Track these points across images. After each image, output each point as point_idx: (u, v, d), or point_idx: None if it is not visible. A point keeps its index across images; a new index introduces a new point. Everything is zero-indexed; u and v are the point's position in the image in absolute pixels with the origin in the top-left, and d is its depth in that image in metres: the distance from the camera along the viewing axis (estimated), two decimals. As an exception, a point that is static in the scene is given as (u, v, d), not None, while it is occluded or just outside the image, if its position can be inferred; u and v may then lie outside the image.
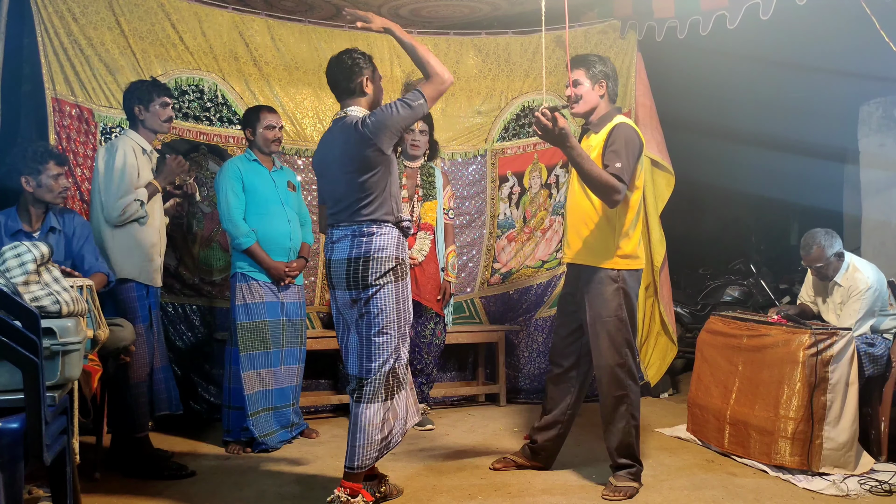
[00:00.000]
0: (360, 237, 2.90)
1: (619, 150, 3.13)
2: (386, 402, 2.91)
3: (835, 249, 3.93)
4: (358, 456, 2.88)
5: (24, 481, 1.98)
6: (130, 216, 3.37)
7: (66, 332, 2.21)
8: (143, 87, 3.49)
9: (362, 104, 3.01)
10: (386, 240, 2.92)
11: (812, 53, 5.45)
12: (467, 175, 4.97)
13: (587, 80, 3.28)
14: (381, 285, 2.89)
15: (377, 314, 2.89)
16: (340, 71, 2.98)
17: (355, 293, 2.92)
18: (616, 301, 3.23)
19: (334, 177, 2.97)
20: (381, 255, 2.90)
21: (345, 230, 2.94)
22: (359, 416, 2.88)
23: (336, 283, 2.98)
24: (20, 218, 3.23)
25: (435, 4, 4.81)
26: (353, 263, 2.90)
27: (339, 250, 2.94)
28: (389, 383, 2.92)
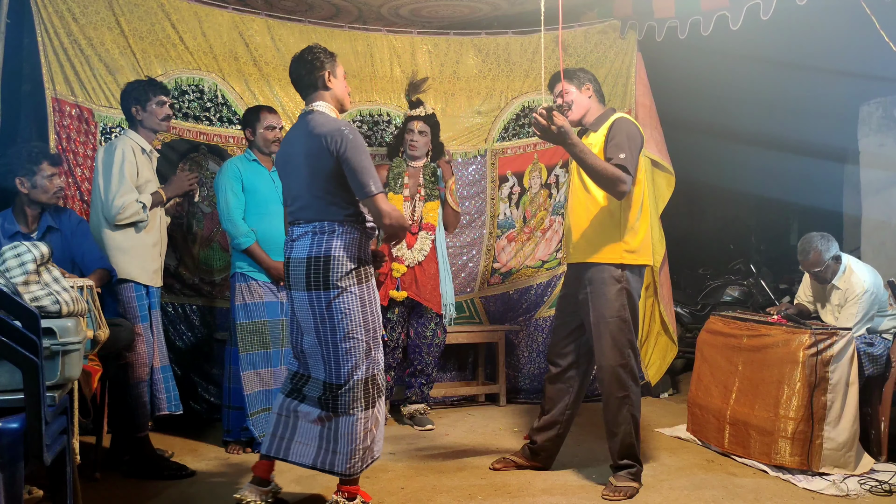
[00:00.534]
0: (322, 234, 2.83)
1: (621, 143, 3.14)
2: (367, 411, 2.85)
3: (832, 253, 3.95)
4: (343, 463, 2.84)
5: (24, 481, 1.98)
6: (129, 217, 3.35)
7: (66, 332, 2.20)
8: (139, 87, 3.48)
9: (327, 98, 2.95)
10: (347, 239, 2.85)
11: (812, 53, 5.45)
12: (467, 175, 4.97)
13: (572, 87, 3.34)
14: (344, 287, 2.82)
15: (341, 318, 2.82)
16: (302, 66, 2.94)
17: (315, 294, 2.83)
18: (619, 301, 3.23)
19: (297, 173, 2.90)
20: (343, 255, 2.83)
21: (305, 227, 2.87)
22: (339, 427, 2.83)
23: (294, 283, 2.89)
24: (16, 220, 3.23)
25: (435, 4, 4.81)
26: (312, 263, 2.82)
27: (299, 249, 2.86)
28: (370, 391, 2.87)
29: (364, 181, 2.77)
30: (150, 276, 3.47)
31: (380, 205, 2.78)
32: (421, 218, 4.29)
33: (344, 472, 2.86)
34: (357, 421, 2.83)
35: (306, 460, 2.89)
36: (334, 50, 4.56)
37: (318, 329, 2.85)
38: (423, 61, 4.84)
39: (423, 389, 4.41)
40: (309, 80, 2.94)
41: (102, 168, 3.37)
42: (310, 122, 2.89)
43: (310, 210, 2.86)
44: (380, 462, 3.65)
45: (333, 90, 2.97)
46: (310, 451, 2.89)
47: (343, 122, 2.89)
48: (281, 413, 2.94)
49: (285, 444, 2.92)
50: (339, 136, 2.77)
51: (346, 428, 2.83)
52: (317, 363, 2.89)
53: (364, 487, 3.23)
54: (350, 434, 2.82)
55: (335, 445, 2.85)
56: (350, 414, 2.82)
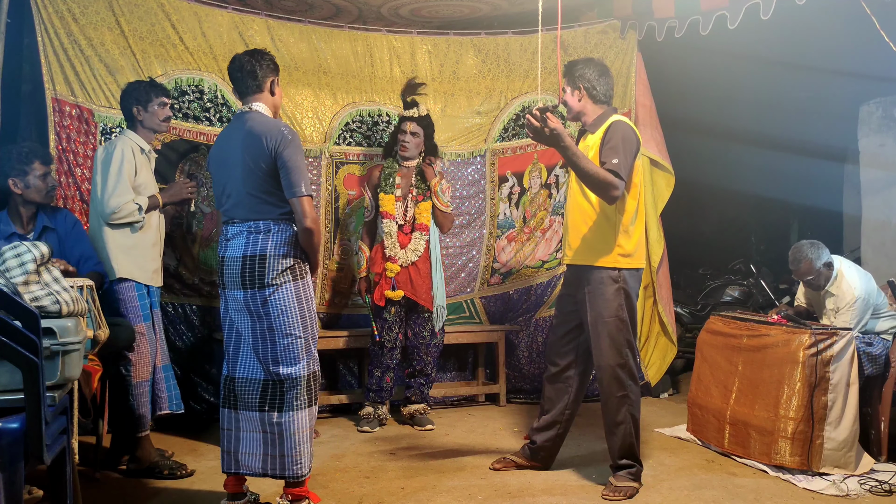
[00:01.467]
0: (257, 234, 2.83)
1: (615, 147, 3.14)
2: (311, 408, 2.86)
3: (823, 260, 3.96)
4: (292, 466, 2.82)
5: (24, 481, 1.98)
6: (124, 217, 3.34)
7: (66, 332, 2.20)
8: (140, 87, 3.49)
9: (267, 102, 2.97)
10: (283, 238, 2.85)
11: (812, 53, 5.45)
12: (467, 175, 4.97)
13: (568, 87, 3.35)
14: (279, 285, 2.81)
15: (278, 315, 2.82)
16: (253, 66, 2.93)
17: (251, 293, 2.82)
18: (617, 301, 3.23)
19: (233, 171, 2.89)
20: (278, 254, 2.82)
21: (240, 227, 2.86)
22: (284, 425, 2.81)
23: (229, 282, 2.87)
24: (12, 220, 3.22)
25: (435, 4, 4.81)
26: (248, 262, 2.81)
27: (234, 248, 2.86)
28: (312, 387, 2.88)
29: (296, 180, 2.80)
30: (150, 275, 3.47)
31: (305, 206, 2.81)
32: (414, 218, 4.29)
33: (294, 476, 2.84)
34: (301, 419, 2.82)
35: (256, 469, 2.88)
36: (334, 50, 4.64)
37: (255, 327, 2.85)
38: (422, 61, 4.84)
39: (422, 389, 4.41)
40: (255, 82, 2.95)
41: (101, 166, 3.36)
42: (248, 120, 2.90)
43: (244, 208, 2.86)
44: (380, 462, 3.66)
45: (276, 98, 3.01)
46: (257, 459, 2.87)
47: (283, 122, 2.93)
48: (224, 427, 2.92)
49: (234, 457, 2.89)
50: (279, 136, 2.81)
51: (289, 427, 2.81)
52: (253, 363, 2.87)
53: (364, 487, 3.24)
54: (295, 433, 2.81)
55: (281, 448, 2.83)
56: (294, 410, 2.82)
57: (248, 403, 2.87)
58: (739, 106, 6.62)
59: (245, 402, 2.88)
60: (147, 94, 3.46)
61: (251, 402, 2.87)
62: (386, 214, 4.25)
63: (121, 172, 3.34)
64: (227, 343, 2.96)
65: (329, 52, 4.64)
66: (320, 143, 4.65)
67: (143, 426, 3.40)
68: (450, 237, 4.94)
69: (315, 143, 4.63)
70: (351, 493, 3.20)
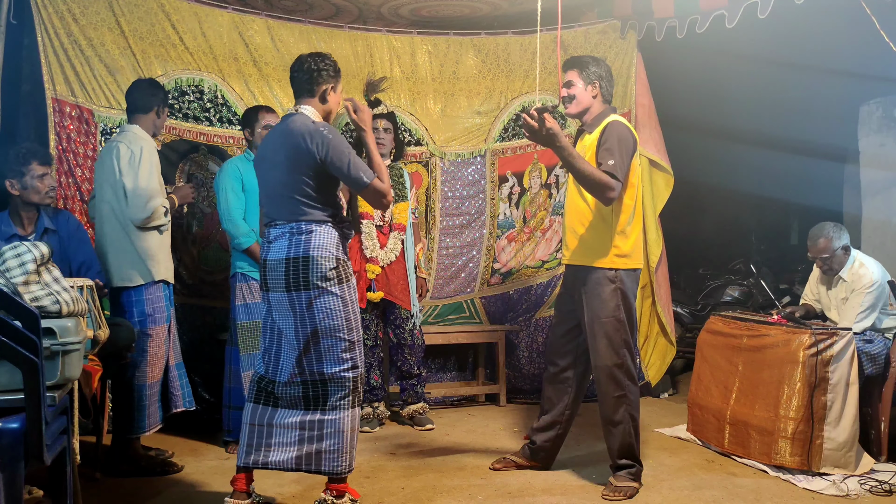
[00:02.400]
0: (300, 235, 2.82)
1: (611, 148, 3.13)
2: (353, 409, 2.86)
3: (842, 242, 3.94)
4: (332, 462, 2.83)
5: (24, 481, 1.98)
6: (156, 220, 3.34)
7: (66, 332, 2.21)
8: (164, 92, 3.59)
9: (318, 108, 2.95)
10: (325, 238, 2.84)
11: (812, 53, 5.45)
12: (466, 175, 4.97)
13: (580, 81, 3.30)
14: (324, 287, 2.81)
15: (322, 318, 2.81)
16: (307, 72, 2.92)
17: (295, 295, 2.81)
18: (614, 302, 3.23)
19: (275, 174, 2.89)
20: (322, 255, 2.82)
21: (282, 228, 2.85)
22: (327, 423, 2.82)
23: (273, 284, 2.86)
24: (13, 222, 3.22)
25: (435, 4, 4.81)
26: (291, 263, 2.81)
27: (276, 250, 2.85)
28: (358, 390, 2.88)
29: (356, 175, 2.80)
30: (172, 274, 3.53)
31: (378, 188, 2.82)
32: (391, 218, 4.29)
33: (334, 472, 2.85)
34: (344, 418, 2.83)
35: (288, 464, 2.87)
36: (334, 50, 4.64)
37: (299, 329, 2.83)
38: (422, 61, 4.84)
39: (416, 389, 4.41)
40: (309, 87, 2.94)
41: (127, 168, 3.30)
42: (291, 123, 2.89)
43: (286, 211, 2.86)
44: (380, 462, 3.66)
45: (329, 104, 2.98)
46: (290, 454, 2.85)
47: (322, 123, 2.89)
48: (253, 422, 2.90)
49: (263, 451, 2.88)
50: (320, 138, 2.79)
51: (332, 426, 2.82)
52: (296, 365, 2.86)
53: (364, 487, 3.24)
54: (338, 432, 2.82)
55: (320, 445, 2.83)
56: (337, 410, 2.83)
57: (291, 402, 2.87)
58: (739, 106, 6.62)
59: (287, 401, 2.88)
60: (166, 101, 3.55)
61: (294, 402, 2.87)
62: (365, 215, 4.23)
63: (152, 176, 3.34)
64: (267, 344, 2.94)
65: (329, 52, 4.62)
66: (320, 143, 4.65)
67: (152, 425, 3.41)
68: (450, 237, 4.95)
69: (315, 144, 4.63)
70: (351, 493, 3.21)
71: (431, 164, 4.89)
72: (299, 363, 2.84)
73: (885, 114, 5.63)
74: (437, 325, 4.95)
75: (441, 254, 4.94)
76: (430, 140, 4.87)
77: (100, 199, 3.42)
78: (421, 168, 4.86)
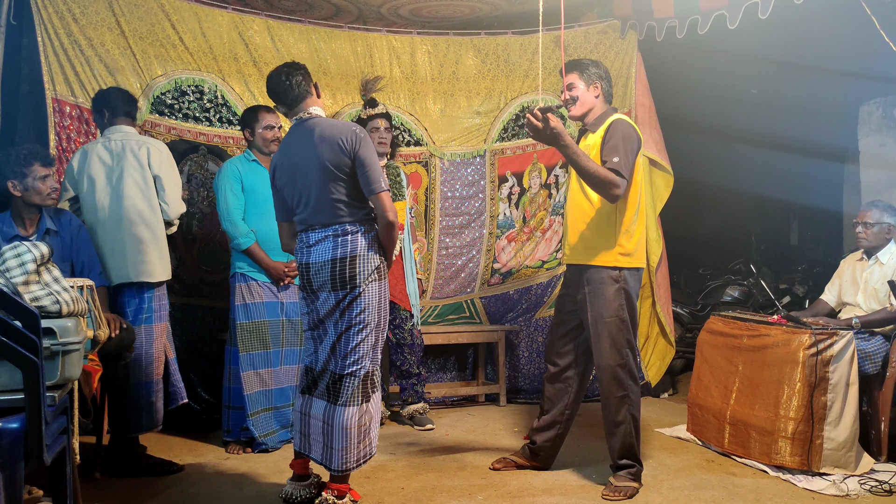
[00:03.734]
0: (344, 236, 2.89)
1: (616, 146, 3.13)
2: (362, 406, 2.89)
3: (889, 220, 3.93)
4: (338, 459, 2.87)
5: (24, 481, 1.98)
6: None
7: (66, 332, 2.21)
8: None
9: (319, 105, 3.03)
10: (370, 238, 2.92)
11: (812, 53, 5.45)
12: (466, 175, 4.97)
13: (581, 83, 3.32)
14: (368, 283, 2.89)
15: (360, 312, 2.88)
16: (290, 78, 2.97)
17: (342, 293, 2.88)
18: (617, 301, 3.23)
19: (308, 179, 2.91)
20: (368, 254, 2.89)
21: (324, 231, 2.90)
22: (335, 418, 2.87)
23: (319, 285, 2.91)
24: (15, 223, 3.22)
25: (435, 4, 4.81)
26: (338, 264, 2.87)
27: (320, 252, 2.90)
28: (366, 387, 2.91)
29: (375, 177, 2.88)
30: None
31: (385, 201, 2.90)
32: None
33: (338, 469, 2.88)
34: (353, 415, 2.86)
35: (316, 456, 2.96)
36: (334, 50, 4.65)
37: (339, 323, 2.91)
38: (422, 62, 4.84)
39: (416, 389, 4.41)
40: (300, 91, 2.98)
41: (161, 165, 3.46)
42: (315, 126, 2.93)
43: (326, 214, 2.90)
44: (380, 462, 3.66)
45: (322, 100, 3.07)
46: (318, 446, 2.94)
47: (352, 123, 3.01)
48: (300, 411, 3.01)
49: (307, 440, 2.99)
50: (354, 136, 2.88)
51: (340, 420, 2.86)
52: (328, 356, 2.93)
53: (364, 487, 3.24)
54: (344, 428, 2.85)
55: (331, 440, 2.88)
56: (347, 405, 2.86)
57: (321, 392, 2.95)
58: (739, 106, 6.62)
59: (321, 391, 2.95)
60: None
61: (322, 391, 2.94)
62: None
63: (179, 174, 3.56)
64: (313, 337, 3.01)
65: (329, 53, 4.64)
66: (320, 143, 4.65)
67: (157, 423, 3.45)
68: (449, 237, 4.95)
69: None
70: (351, 493, 3.21)
71: (431, 164, 4.89)
72: (333, 353, 2.91)
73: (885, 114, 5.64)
74: (438, 325, 4.95)
75: (441, 254, 4.94)
76: (429, 140, 4.87)
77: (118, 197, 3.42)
78: (420, 168, 4.86)
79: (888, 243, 3.95)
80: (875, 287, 3.92)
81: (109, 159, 3.44)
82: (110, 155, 3.45)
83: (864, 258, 4.04)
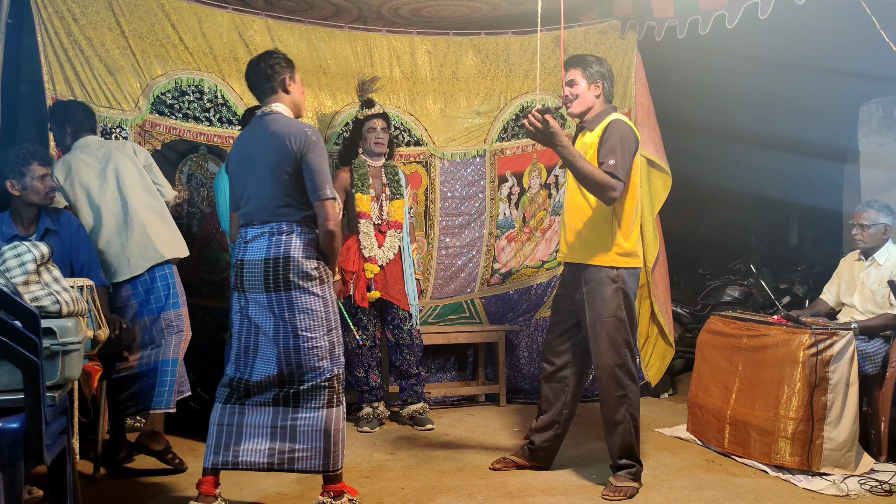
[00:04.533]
0: (279, 236, 2.82)
1: (613, 147, 3.12)
2: (339, 408, 2.86)
3: (885, 220, 3.94)
4: (318, 460, 2.83)
5: (24, 481, 1.98)
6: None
7: (66, 332, 2.21)
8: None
9: (286, 102, 2.96)
10: (306, 240, 2.84)
11: (812, 53, 5.45)
12: (466, 175, 4.97)
13: (583, 80, 3.29)
14: (304, 287, 2.81)
15: (303, 318, 2.81)
16: (262, 70, 2.94)
17: (275, 296, 2.81)
18: (616, 301, 3.23)
19: (254, 174, 2.88)
20: (302, 256, 2.81)
21: (260, 228, 2.84)
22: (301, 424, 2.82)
23: (249, 285, 2.85)
24: (14, 223, 3.22)
25: (435, 4, 4.81)
26: (271, 264, 2.80)
27: (254, 250, 2.84)
28: (335, 388, 2.86)
29: (320, 183, 2.80)
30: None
31: (328, 209, 2.80)
32: (388, 216, 4.30)
33: (318, 470, 2.85)
34: (327, 417, 2.82)
35: (260, 464, 2.86)
36: (333, 50, 4.64)
37: (279, 329, 2.83)
38: (422, 62, 4.84)
39: (415, 389, 4.41)
40: (269, 84, 2.94)
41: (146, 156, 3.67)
42: (270, 123, 2.88)
43: (267, 211, 2.85)
44: (380, 462, 3.66)
45: (293, 95, 2.98)
46: (261, 454, 2.85)
47: (306, 124, 2.91)
48: (222, 423, 2.89)
49: (232, 452, 2.87)
50: (304, 138, 2.80)
51: (311, 424, 2.81)
52: (272, 362, 2.85)
53: (364, 487, 3.25)
54: (318, 431, 2.81)
55: (293, 444, 2.82)
56: (318, 410, 2.82)
57: (264, 402, 2.87)
58: (739, 106, 6.62)
59: (259, 400, 2.87)
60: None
61: (266, 401, 2.87)
62: (363, 214, 4.24)
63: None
64: (242, 344, 2.92)
65: (329, 53, 4.64)
66: (320, 143, 4.65)
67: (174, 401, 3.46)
68: (449, 237, 4.95)
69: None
70: (351, 493, 3.21)
71: (431, 165, 4.89)
72: (279, 363, 2.84)
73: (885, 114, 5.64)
74: (437, 325, 4.95)
75: (441, 254, 4.94)
76: (429, 140, 4.87)
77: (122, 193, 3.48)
78: (420, 168, 4.86)
79: (885, 243, 3.96)
80: (872, 289, 3.93)
81: (96, 163, 3.47)
82: (95, 159, 3.48)
83: (862, 258, 4.04)
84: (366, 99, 4.37)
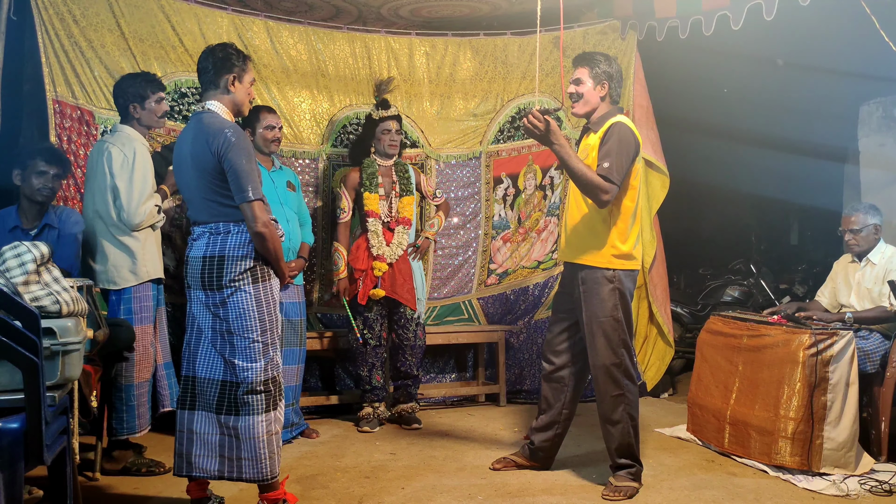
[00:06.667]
0: (217, 235, 2.80)
1: (610, 150, 3.12)
2: (269, 413, 2.80)
3: (874, 220, 3.95)
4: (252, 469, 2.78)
5: (24, 481, 1.98)
6: (149, 222, 3.34)
7: (66, 332, 2.21)
8: (136, 83, 3.41)
9: (224, 101, 2.85)
10: (242, 239, 2.79)
11: (812, 53, 5.45)
12: (462, 177, 4.97)
13: (590, 80, 3.26)
14: (237, 287, 2.77)
15: (236, 318, 2.77)
16: (210, 62, 2.85)
17: (210, 294, 2.79)
18: (612, 301, 3.23)
19: (188, 175, 2.84)
20: (237, 255, 2.77)
21: (203, 228, 2.83)
22: (241, 427, 2.76)
23: (192, 282, 2.85)
24: (20, 216, 3.26)
25: (435, 4, 4.81)
26: (207, 262, 2.78)
27: (196, 248, 2.83)
28: (270, 391, 2.81)
29: (242, 185, 2.72)
30: (160, 271, 3.48)
31: (254, 211, 2.72)
32: (397, 213, 4.31)
33: (255, 479, 2.81)
34: (258, 423, 2.77)
35: (212, 471, 2.84)
36: (332, 51, 4.64)
37: (214, 328, 2.82)
38: (420, 63, 4.84)
39: (409, 390, 4.42)
40: (211, 79, 2.86)
41: (121, 171, 3.27)
42: (199, 122, 2.82)
43: (204, 212, 2.82)
44: (380, 462, 3.66)
45: (234, 95, 2.87)
46: (212, 460, 2.83)
47: (229, 123, 2.81)
48: (181, 429, 2.86)
49: (186, 459, 2.85)
50: (223, 139, 2.71)
51: (247, 431, 2.77)
52: (214, 363, 2.83)
53: (364, 487, 3.25)
54: (253, 437, 2.77)
55: (238, 451, 2.79)
56: (250, 414, 2.77)
57: (206, 404, 2.83)
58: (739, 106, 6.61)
59: (203, 402, 2.84)
60: (144, 90, 3.39)
61: (209, 403, 2.82)
62: (371, 213, 4.25)
63: (146, 179, 3.30)
64: (187, 341, 2.91)
65: (328, 54, 4.64)
66: (318, 145, 4.65)
67: (142, 426, 3.39)
68: (445, 238, 4.95)
69: (312, 146, 4.64)
70: (351, 493, 3.21)
71: (427, 167, 4.89)
72: (217, 361, 2.82)
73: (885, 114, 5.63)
74: (436, 326, 4.95)
75: (437, 254, 4.94)
76: (425, 142, 4.88)
77: (86, 201, 3.40)
78: (416, 170, 4.87)
79: (878, 243, 3.97)
80: (868, 287, 3.94)
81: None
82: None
83: (856, 260, 4.05)
84: (381, 99, 4.37)
